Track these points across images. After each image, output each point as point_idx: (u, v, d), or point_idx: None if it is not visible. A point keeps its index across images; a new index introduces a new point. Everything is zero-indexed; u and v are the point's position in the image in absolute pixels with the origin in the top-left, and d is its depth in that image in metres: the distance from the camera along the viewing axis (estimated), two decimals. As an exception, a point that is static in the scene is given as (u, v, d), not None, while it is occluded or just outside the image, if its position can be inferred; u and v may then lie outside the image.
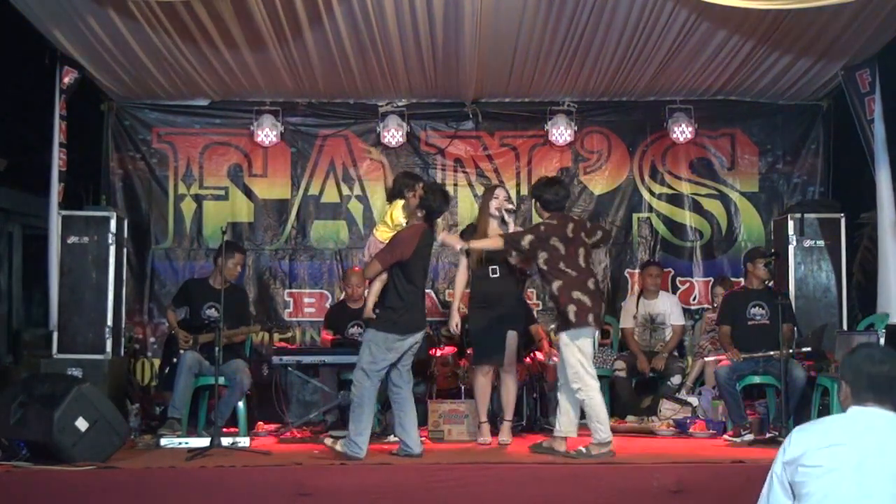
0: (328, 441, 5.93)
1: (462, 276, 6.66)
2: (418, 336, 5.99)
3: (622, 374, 7.55)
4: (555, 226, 6.02)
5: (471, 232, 6.66)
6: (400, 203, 6.54)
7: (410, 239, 5.94)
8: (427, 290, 8.41)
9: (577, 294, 5.89)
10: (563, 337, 5.89)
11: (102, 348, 6.96)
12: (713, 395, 7.18)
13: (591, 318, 5.87)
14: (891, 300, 7.06)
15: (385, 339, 5.85)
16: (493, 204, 6.48)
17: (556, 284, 5.93)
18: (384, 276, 6.07)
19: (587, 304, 5.87)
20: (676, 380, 7.51)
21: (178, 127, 8.45)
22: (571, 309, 5.85)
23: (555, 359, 7.42)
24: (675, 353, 7.80)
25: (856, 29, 6.79)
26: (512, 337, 6.44)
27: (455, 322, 6.62)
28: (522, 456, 5.95)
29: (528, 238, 6.00)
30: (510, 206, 6.55)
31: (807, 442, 2.76)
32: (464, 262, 6.66)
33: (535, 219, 8.38)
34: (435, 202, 6.03)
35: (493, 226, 6.54)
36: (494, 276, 6.47)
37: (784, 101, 8.44)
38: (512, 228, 6.39)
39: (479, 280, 6.54)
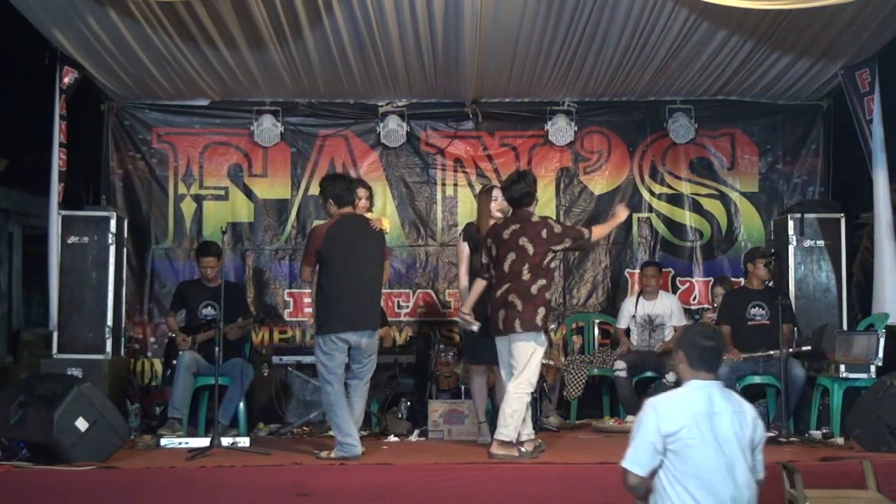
0: (323, 455, 5.82)
1: (465, 277, 6.58)
2: (359, 337, 5.80)
3: (621, 373, 7.54)
4: (496, 227, 6.04)
5: (472, 231, 6.64)
6: None
7: (317, 234, 5.90)
8: (427, 290, 8.46)
9: (488, 304, 5.96)
10: None
11: (102, 348, 6.97)
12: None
13: (492, 330, 5.94)
14: (886, 300, 7.07)
15: (322, 342, 5.80)
16: (493, 206, 6.48)
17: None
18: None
19: (489, 314, 5.93)
20: (671, 377, 7.49)
21: (178, 127, 8.45)
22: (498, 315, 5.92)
23: (552, 359, 7.45)
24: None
25: (856, 29, 6.79)
26: None
27: (471, 321, 6.19)
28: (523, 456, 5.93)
29: (483, 253, 6.08)
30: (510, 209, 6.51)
31: (678, 418, 3.30)
32: (464, 265, 6.60)
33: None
34: (336, 188, 6.01)
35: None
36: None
37: (784, 101, 8.43)
38: None
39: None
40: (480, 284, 6.07)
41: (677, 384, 7.31)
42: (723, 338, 3.62)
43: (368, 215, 6.27)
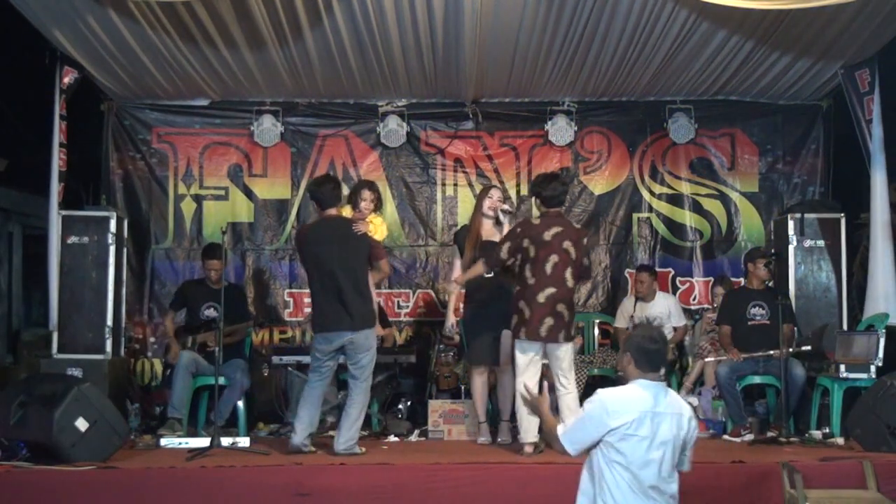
0: None
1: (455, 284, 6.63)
2: (338, 337, 5.90)
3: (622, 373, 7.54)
4: (534, 226, 5.99)
5: (461, 234, 6.66)
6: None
7: (296, 238, 6.13)
8: (427, 290, 8.47)
9: (521, 304, 5.92)
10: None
11: (102, 348, 6.96)
12: (713, 395, 7.19)
13: (523, 332, 5.90)
14: (879, 299, 7.08)
15: (314, 340, 6.06)
16: (486, 203, 6.47)
17: (516, 289, 6.02)
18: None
19: (526, 316, 5.89)
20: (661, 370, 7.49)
21: (178, 127, 8.45)
22: (514, 318, 5.93)
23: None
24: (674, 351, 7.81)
25: (856, 29, 6.79)
26: (507, 336, 6.43)
27: (451, 323, 6.60)
28: (522, 456, 5.94)
29: (505, 247, 6.01)
30: (506, 207, 6.50)
31: (624, 414, 3.50)
32: (457, 263, 6.64)
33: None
34: (319, 191, 6.12)
35: (487, 226, 6.54)
36: (489, 275, 6.43)
37: (784, 101, 8.43)
38: (506, 229, 6.35)
39: (475, 281, 6.50)
40: (479, 269, 6.11)
41: (669, 374, 7.43)
42: (666, 339, 3.83)
43: (370, 217, 6.27)
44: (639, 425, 3.50)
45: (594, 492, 3.57)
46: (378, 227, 6.42)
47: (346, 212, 6.57)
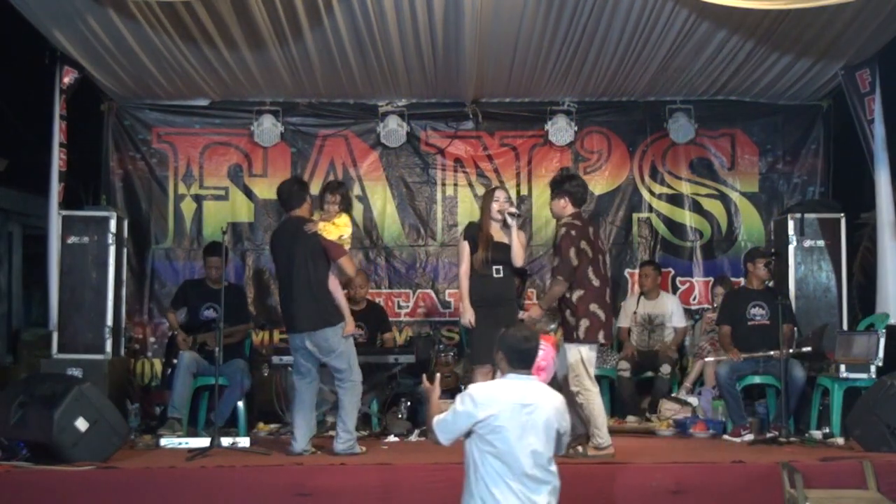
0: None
1: (465, 278, 6.54)
2: (300, 339, 5.96)
3: (624, 373, 7.55)
4: (581, 227, 5.92)
5: (473, 230, 6.62)
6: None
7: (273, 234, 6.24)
8: (427, 290, 8.46)
9: (594, 307, 5.84)
10: (570, 346, 5.85)
11: (102, 348, 6.96)
12: (713, 395, 7.19)
13: (601, 335, 5.87)
14: (888, 300, 7.07)
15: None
16: (494, 206, 6.44)
17: (577, 294, 5.84)
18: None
19: (601, 319, 5.84)
20: (665, 369, 7.50)
21: (178, 127, 8.45)
22: (584, 324, 5.81)
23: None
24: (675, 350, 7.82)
25: (856, 29, 6.79)
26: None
27: (469, 317, 6.26)
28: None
29: (571, 253, 5.82)
30: (513, 210, 6.43)
31: (493, 405, 3.68)
32: (466, 257, 6.55)
33: (538, 218, 8.46)
34: (283, 192, 6.22)
35: (496, 228, 6.50)
36: (498, 276, 6.31)
37: (784, 102, 8.43)
38: (514, 232, 6.24)
39: (482, 279, 6.39)
40: (559, 288, 5.87)
41: (672, 374, 7.43)
42: (538, 340, 4.04)
43: (336, 218, 6.14)
44: (508, 417, 3.68)
45: (472, 483, 3.73)
46: (339, 227, 6.23)
47: (316, 214, 6.49)
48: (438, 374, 4.42)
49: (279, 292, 6.24)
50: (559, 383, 6.19)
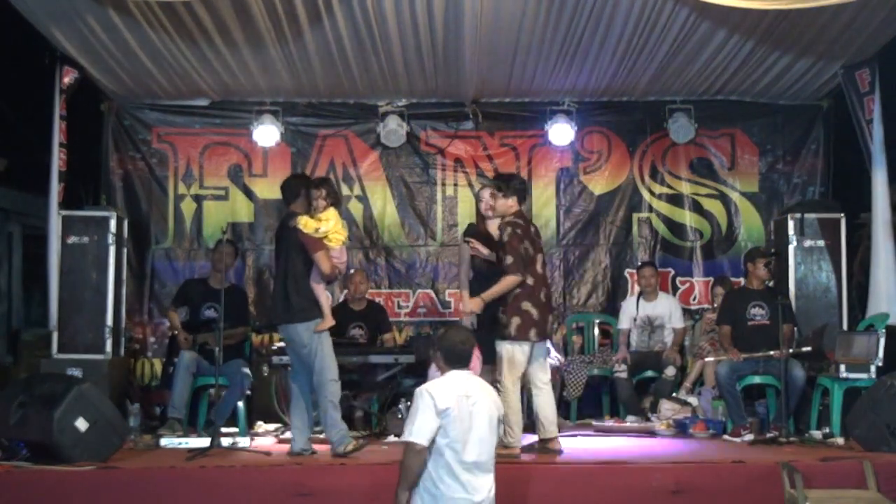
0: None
1: (465, 278, 6.56)
2: (282, 333, 6.09)
3: (621, 374, 7.55)
4: (524, 226, 5.97)
5: (471, 231, 6.63)
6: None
7: None
8: (427, 290, 8.47)
9: (526, 305, 5.86)
10: (501, 344, 5.87)
11: (102, 348, 6.97)
12: (713, 395, 7.18)
13: (533, 333, 5.85)
14: (882, 299, 7.08)
15: None
16: (481, 206, 6.47)
17: (512, 292, 5.87)
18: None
19: (534, 317, 5.83)
20: (670, 371, 7.50)
21: (178, 127, 8.45)
22: (515, 321, 5.83)
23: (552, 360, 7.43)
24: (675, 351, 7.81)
25: (855, 29, 6.79)
26: None
27: (472, 306, 6.12)
28: (523, 456, 5.93)
29: (522, 248, 5.89)
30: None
31: (447, 398, 3.97)
32: (465, 264, 6.58)
33: (537, 218, 8.44)
34: (283, 188, 6.30)
35: (493, 226, 6.51)
36: (496, 277, 6.37)
37: (784, 101, 8.43)
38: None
39: (482, 280, 6.43)
40: (511, 281, 5.87)
41: (676, 377, 7.44)
42: (474, 341, 4.37)
43: (323, 213, 6.11)
44: (457, 408, 3.98)
45: (425, 473, 3.98)
46: (320, 222, 6.15)
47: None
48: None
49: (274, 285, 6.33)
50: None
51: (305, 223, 5.91)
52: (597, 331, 8.25)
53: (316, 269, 5.92)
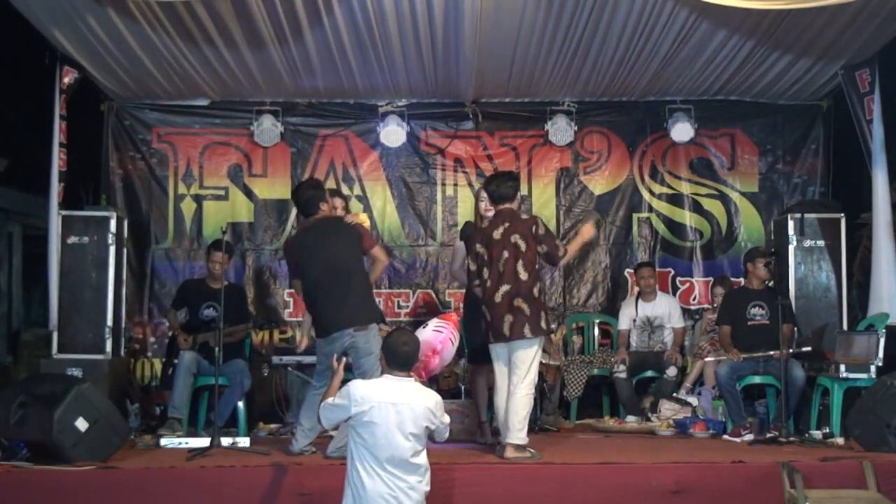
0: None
1: (460, 270, 6.56)
2: (338, 338, 5.67)
3: (621, 375, 7.55)
4: (482, 229, 5.93)
5: (469, 228, 6.63)
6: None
7: (284, 251, 6.19)
8: (427, 290, 8.47)
9: (484, 308, 5.82)
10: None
11: (102, 348, 6.96)
12: (713, 395, 7.19)
13: (490, 335, 5.80)
14: (883, 300, 7.08)
15: (316, 344, 5.96)
16: (481, 207, 6.47)
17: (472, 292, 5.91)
18: None
19: (488, 318, 5.79)
20: (672, 372, 7.50)
21: (178, 127, 8.46)
22: (483, 324, 5.82)
23: (553, 358, 7.44)
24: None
25: (855, 29, 6.79)
26: None
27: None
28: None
29: (468, 260, 5.92)
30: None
31: (366, 402, 4.03)
32: (459, 260, 6.59)
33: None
34: (300, 198, 6.05)
35: None
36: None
37: (784, 101, 8.44)
38: None
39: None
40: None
41: (678, 377, 7.43)
42: (418, 343, 4.38)
43: (361, 216, 6.17)
44: (378, 414, 4.02)
45: (348, 468, 4.11)
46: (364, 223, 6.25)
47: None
48: (345, 358, 4.62)
49: (312, 298, 5.84)
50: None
51: (364, 220, 5.96)
52: (597, 331, 8.26)
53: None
